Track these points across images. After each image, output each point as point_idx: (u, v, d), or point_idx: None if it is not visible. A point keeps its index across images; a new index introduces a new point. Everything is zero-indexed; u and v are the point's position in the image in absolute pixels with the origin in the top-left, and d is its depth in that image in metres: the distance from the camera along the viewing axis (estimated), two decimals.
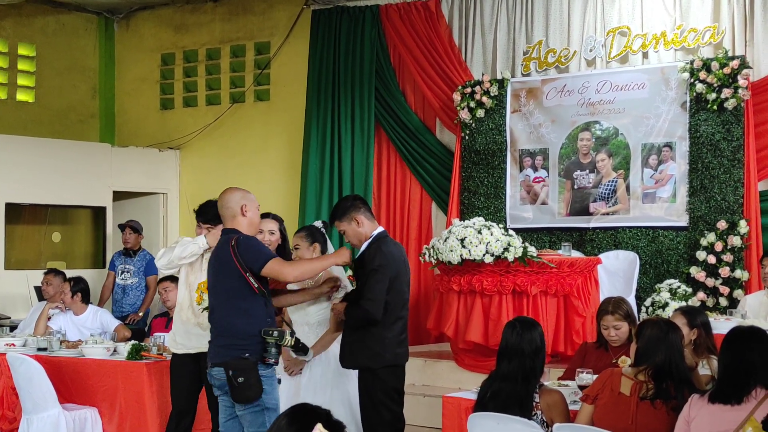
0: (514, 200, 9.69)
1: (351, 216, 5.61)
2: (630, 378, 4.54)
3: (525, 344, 4.77)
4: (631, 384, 4.51)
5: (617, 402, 4.50)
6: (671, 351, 4.51)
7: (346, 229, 5.63)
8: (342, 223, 5.63)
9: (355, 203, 5.69)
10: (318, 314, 5.78)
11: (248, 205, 5.27)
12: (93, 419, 6.87)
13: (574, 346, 7.33)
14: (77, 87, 12.33)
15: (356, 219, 5.60)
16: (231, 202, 5.29)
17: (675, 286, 8.30)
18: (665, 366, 4.47)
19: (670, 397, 4.42)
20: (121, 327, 8.18)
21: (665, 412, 4.39)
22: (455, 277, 7.97)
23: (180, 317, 6.34)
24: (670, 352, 4.50)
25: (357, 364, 5.60)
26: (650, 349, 4.52)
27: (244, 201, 5.28)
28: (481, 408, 4.79)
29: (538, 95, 9.56)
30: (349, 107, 10.56)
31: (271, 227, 6.09)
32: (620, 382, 4.55)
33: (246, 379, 4.96)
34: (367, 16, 10.52)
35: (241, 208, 5.24)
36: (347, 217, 5.61)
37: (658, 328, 4.60)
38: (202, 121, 11.84)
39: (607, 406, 4.53)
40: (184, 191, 11.92)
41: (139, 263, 10.02)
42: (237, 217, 5.25)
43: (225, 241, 5.17)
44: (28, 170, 10.58)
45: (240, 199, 5.29)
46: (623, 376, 4.58)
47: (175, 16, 12.20)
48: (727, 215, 8.54)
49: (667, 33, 8.99)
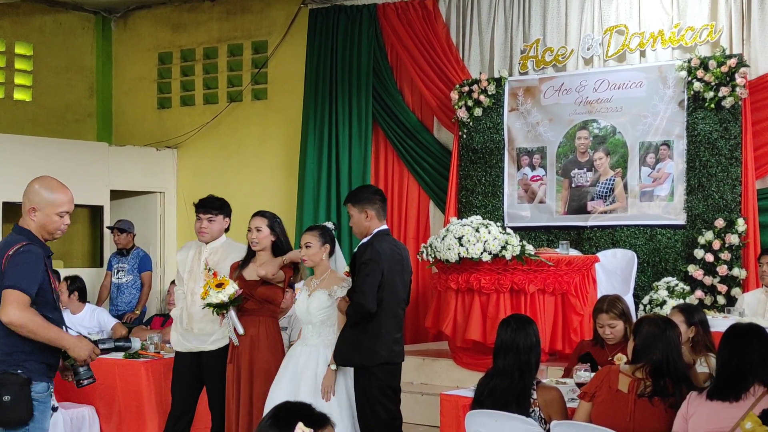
0: (511, 199, 9.69)
1: (363, 206, 5.72)
2: (628, 375, 4.54)
3: (520, 340, 4.79)
4: (629, 381, 4.52)
5: (615, 399, 4.50)
6: (668, 348, 4.51)
7: (354, 215, 5.75)
8: (354, 208, 5.74)
9: (374, 197, 5.78)
10: (320, 314, 5.76)
11: (40, 211, 4.56)
12: (90, 418, 6.88)
13: (572, 344, 7.34)
14: (74, 86, 12.32)
15: (366, 211, 5.70)
16: (29, 195, 4.61)
17: (673, 285, 8.30)
18: (663, 363, 4.48)
19: (668, 395, 4.42)
20: (118, 326, 8.18)
21: (663, 410, 4.39)
22: (453, 276, 7.97)
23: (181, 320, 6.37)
24: (667, 350, 4.50)
25: (352, 362, 5.60)
26: (648, 347, 4.52)
27: (37, 203, 4.56)
28: (478, 405, 4.80)
29: (536, 94, 9.56)
30: (346, 106, 10.55)
31: (258, 224, 6.09)
32: (618, 379, 4.55)
33: (12, 399, 4.24)
34: (365, 15, 10.51)
35: (29, 210, 4.57)
36: (360, 205, 5.72)
37: (656, 325, 4.60)
38: (200, 120, 11.83)
39: (605, 403, 4.54)
40: (181, 190, 11.91)
41: (132, 261, 10.02)
42: (26, 216, 4.61)
43: (8, 243, 4.47)
44: (26, 169, 10.51)
45: (34, 198, 4.58)
46: (621, 373, 4.58)
47: (172, 15, 12.19)
48: (724, 213, 8.54)
49: (664, 31, 8.99)
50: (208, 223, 6.27)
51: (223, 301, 5.84)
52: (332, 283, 5.79)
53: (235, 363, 6.03)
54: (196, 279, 6.25)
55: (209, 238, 6.30)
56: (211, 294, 5.85)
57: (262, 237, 6.07)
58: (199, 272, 6.24)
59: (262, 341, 6.02)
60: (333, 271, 5.89)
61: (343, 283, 5.78)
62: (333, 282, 5.80)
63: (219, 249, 6.31)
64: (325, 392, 5.60)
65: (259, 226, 6.08)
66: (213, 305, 5.88)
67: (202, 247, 6.36)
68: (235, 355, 6.03)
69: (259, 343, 6.01)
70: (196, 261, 6.34)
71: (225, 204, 6.40)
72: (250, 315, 6.05)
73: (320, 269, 5.86)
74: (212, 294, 5.85)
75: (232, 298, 5.87)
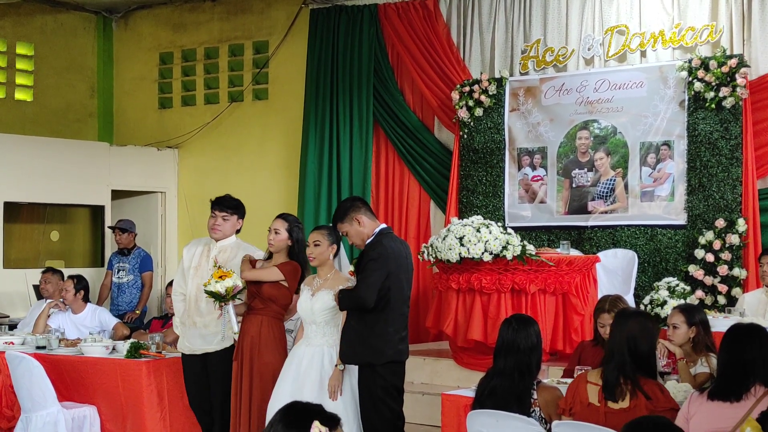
0: (512, 199, 9.70)
1: (351, 217, 5.70)
2: (595, 384, 4.48)
3: (521, 341, 4.78)
4: (597, 390, 4.45)
5: (589, 413, 4.43)
6: (619, 340, 4.43)
7: (348, 230, 5.72)
8: (344, 224, 5.72)
9: (354, 204, 5.77)
10: (324, 314, 5.76)
11: None
12: (92, 417, 6.87)
13: (573, 344, 7.34)
14: (75, 86, 12.32)
15: (357, 219, 5.69)
16: None
17: (673, 285, 8.30)
18: (610, 357, 4.40)
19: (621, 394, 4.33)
20: (119, 325, 8.19)
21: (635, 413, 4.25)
22: (454, 276, 7.98)
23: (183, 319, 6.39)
24: (617, 343, 4.43)
25: (358, 360, 5.60)
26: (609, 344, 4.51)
27: None
28: (479, 405, 4.80)
29: (537, 94, 9.57)
30: (347, 106, 10.56)
31: (277, 226, 6.13)
32: (587, 391, 4.49)
33: None
34: (366, 15, 10.52)
35: None
36: (348, 218, 5.70)
37: (617, 319, 4.58)
38: (201, 120, 11.84)
39: (580, 417, 4.46)
40: (182, 190, 11.92)
41: (133, 261, 10.03)
42: None
43: None
44: (27, 169, 10.58)
45: None
46: (588, 383, 4.51)
47: (173, 15, 12.20)
48: (725, 213, 8.54)
49: (665, 31, 9.00)
50: (222, 221, 6.34)
51: (219, 292, 5.89)
52: (337, 283, 5.77)
53: (239, 361, 6.05)
54: (203, 275, 6.28)
55: (221, 236, 6.35)
56: (212, 283, 5.94)
57: (279, 240, 6.11)
58: (207, 269, 6.27)
59: (263, 341, 6.02)
60: (337, 271, 5.89)
61: (348, 283, 5.76)
62: (337, 282, 5.78)
63: (228, 248, 6.36)
64: (332, 392, 5.61)
65: (277, 229, 6.12)
66: (210, 293, 5.94)
67: (212, 244, 6.39)
68: (240, 353, 6.06)
69: (260, 343, 6.02)
70: (204, 257, 6.38)
71: (241, 205, 6.49)
72: (254, 314, 6.07)
73: (325, 269, 5.85)
74: (212, 282, 5.94)
75: (230, 291, 5.91)
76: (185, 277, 6.45)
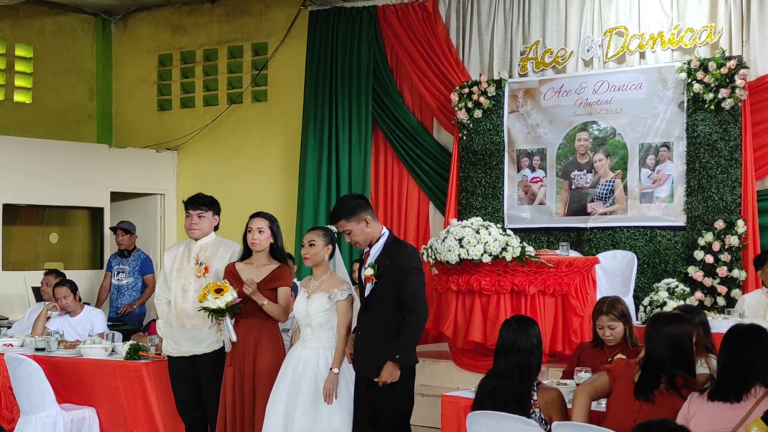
0: (511, 200, 9.70)
1: (360, 215, 5.43)
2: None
3: (521, 342, 4.77)
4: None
5: (629, 395, 4.47)
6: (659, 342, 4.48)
7: (353, 228, 5.45)
8: (350, 222, 5.44)
9: (362, 202, 5.53)
10: (319, 316, 5.71)
11: None
12: (91, 419, 6.86)
13: (572, 345, 7.33)
14: (74, 88, 12.32)
15: (365, 219, 5.45)
16: None
17: (673, 286, 8.30)
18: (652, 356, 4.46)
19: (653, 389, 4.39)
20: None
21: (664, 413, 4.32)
22: (453, 277, 7.97)
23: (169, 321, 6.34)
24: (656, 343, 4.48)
25: (413, 360, 5.54)
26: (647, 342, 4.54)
27: None
28: (479, 406, 4.79)
29: (536, 95, 9.57)
30: (346, 108, 10.56)
31: (260, 225, 6.07)
32: (635, 374, 4.54)
33: None
34: (365, 16, 10.52)
35: None
36: (356, 216, 5.43)
37: (656, 320, 4.61)
38: (200, 122, 11.84)
39: (620, 397, 4.50)
40: (181, 192, 11.90)
41: (134, 263, 10.02)
42: None
43: None
44: (26, 171, 10.57)
45: None
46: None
47: (172, 17, 12.20)
48: (724, 215, 8.55)
49: (664, 33, 9.00)
50: (198, 219, 6.25)
51: (219, 308, 5.83)
52: (332, 286, 5.72)
53: (235, 366, 6.00)
54: (186, 276, 6.23)
55: (200, 234, 6.27)
56: (209, 298, 5.82)
57: (264, 238, 6.06)
58: (189, 269, 6.22)
59: (263, 345, 5.99)
60: (332, 273, 5.83)
61: (343, 286, 5.71)
62: (333, 285, 5.73)
63: (209, 245, 6.29)
64: (327, 396, 5.58)
65: (261, 227, 6.05)
66: (209, 310, 5.87)
67: (192, 244, 6.32)
68: (236, 359, 6.01)
69: (261, 347, 5.98)
70: (185, 258, 6.31)
71: (214, 201, 6.39)
72: (251, 318, 5.99)
73: (320, 270, 5.81)
74: (210, 299, 5.82)
75: (229, 306, 5.86)
76: (167, 282, 6.39)
